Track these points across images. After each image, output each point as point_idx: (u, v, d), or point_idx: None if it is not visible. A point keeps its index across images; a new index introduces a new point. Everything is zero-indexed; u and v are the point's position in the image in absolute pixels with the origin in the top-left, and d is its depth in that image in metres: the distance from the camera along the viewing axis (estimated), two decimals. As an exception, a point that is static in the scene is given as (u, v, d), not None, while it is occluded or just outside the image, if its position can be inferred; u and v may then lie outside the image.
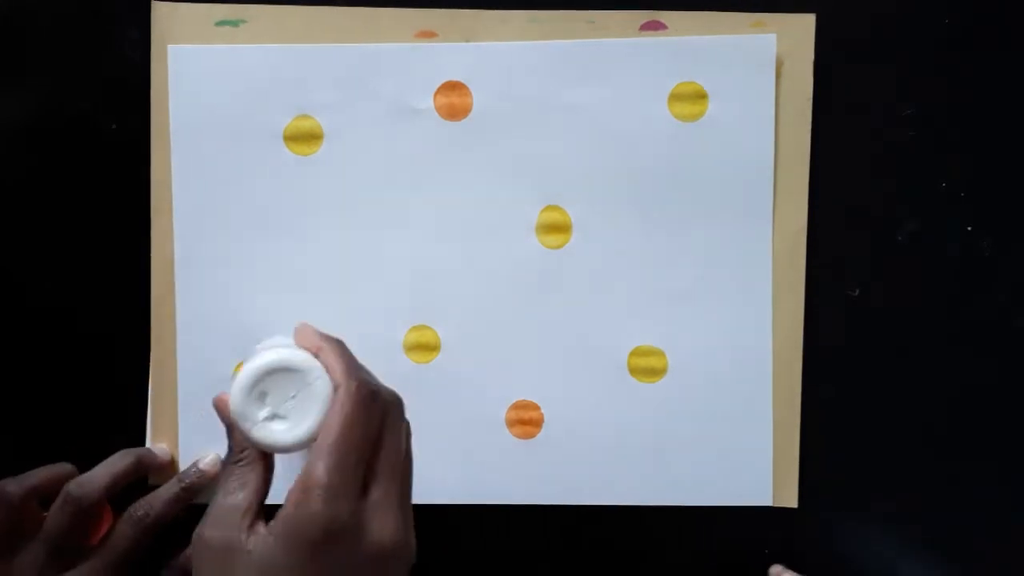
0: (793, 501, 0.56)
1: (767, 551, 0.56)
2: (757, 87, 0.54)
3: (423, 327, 0.56)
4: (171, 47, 0.55)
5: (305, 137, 0.55)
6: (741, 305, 0.55)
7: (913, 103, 0.55)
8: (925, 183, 0.55)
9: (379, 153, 0.55)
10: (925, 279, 0.55)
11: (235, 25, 0.55)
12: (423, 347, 0.56)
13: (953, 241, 0.55)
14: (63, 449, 0.53)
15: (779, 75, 0.54)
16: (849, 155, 0.55)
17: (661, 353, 0.56)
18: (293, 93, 0.55)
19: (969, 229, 0.55)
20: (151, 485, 0.54)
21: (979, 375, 0.56)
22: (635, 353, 0.56)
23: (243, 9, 0.55)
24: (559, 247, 0.55)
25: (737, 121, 0.54)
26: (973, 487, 0.56)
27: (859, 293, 0.55)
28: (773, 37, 0.53)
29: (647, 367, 0.56)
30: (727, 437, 0.55)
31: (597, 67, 0.54)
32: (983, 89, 0.55)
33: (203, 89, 0.55)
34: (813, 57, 0.54)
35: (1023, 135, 0.55)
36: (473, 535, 0.57)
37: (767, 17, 0.54)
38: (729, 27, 0.54)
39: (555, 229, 0.55)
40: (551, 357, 0.56)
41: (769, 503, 0.56)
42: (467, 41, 0.55)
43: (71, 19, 0.56)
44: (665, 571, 0.57)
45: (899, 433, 0.56)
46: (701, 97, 0.54)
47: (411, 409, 0.55)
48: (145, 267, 0.55)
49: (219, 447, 0.55)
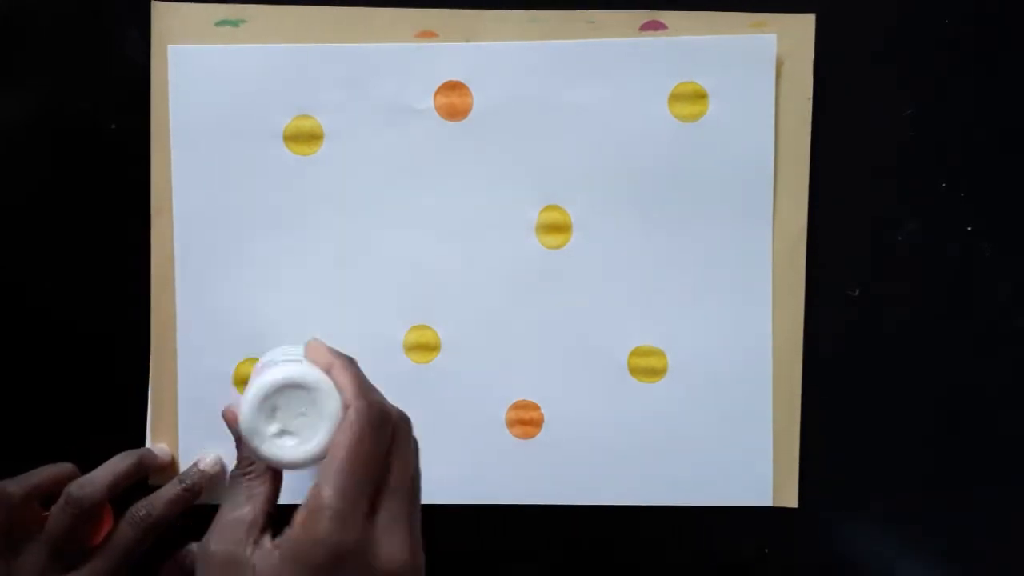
0: (793, 501, 0.56)
1: (767, 551, 0.56)
2: (757, 87, 0.54)
3: (423, 327, 0.56)
4: (171, 47, 0.54)
5: (305, 137, 0.55)
6: (741, 305, 0.55)
7: (913, 103, 0.55)
8: (925, 183, 0.55)
9: (379, 153, 0.55)
10: (925, 279, 0.55)
11: (235, 25, 0.55)
12: (423, 347, 0.56)
13: (953, 241, 0.55)
14: (63, 449, 0.53)
15: (779, 75, 0.54)
16: (849, 155, 0.55)
17: (661, 353, 0.55)
18: (293, 93, 0.55)
19: (969, 229, 0.55)
20: (152, 486, 0.54)
21: (979, 375, 0.55)
22: (635, 353, 0.56)
23: (243, 9, 0.55)
24: (559, 247, 0.55)
25: (737, 121, 0.54)
26: (973, 487, 0.56)
27: (859, 293, 0.55)
28: (773, 37, 0.53)
29: (647, 367, 0.56)
30: (727, 437, 0.55)
31: (597, 67, 0.54)
32: (983, 89, 0.55)
33: (203, 89, 0.55)
34: (813, 57, 0.54)
35: (1023, 135, 0.55)
36: (473, 535, 0.57)
37: (767, 17, 0.54)
38: (729, 27, 0.54)
39: (555, 229, 0.55)
40: (551, 357, 0.56)
41: (769, 503, 0.56)
42: (467, 41, 0.55)
43: (71, 19, 0.55)
44: (665, 571, 0.57)
45: (899, 433, 0.56)
46: (701, 97, 0.54)
47: (411, 409, 0.55)
48: (145, 267, 0.55)
49: (219, 447, 0.55)
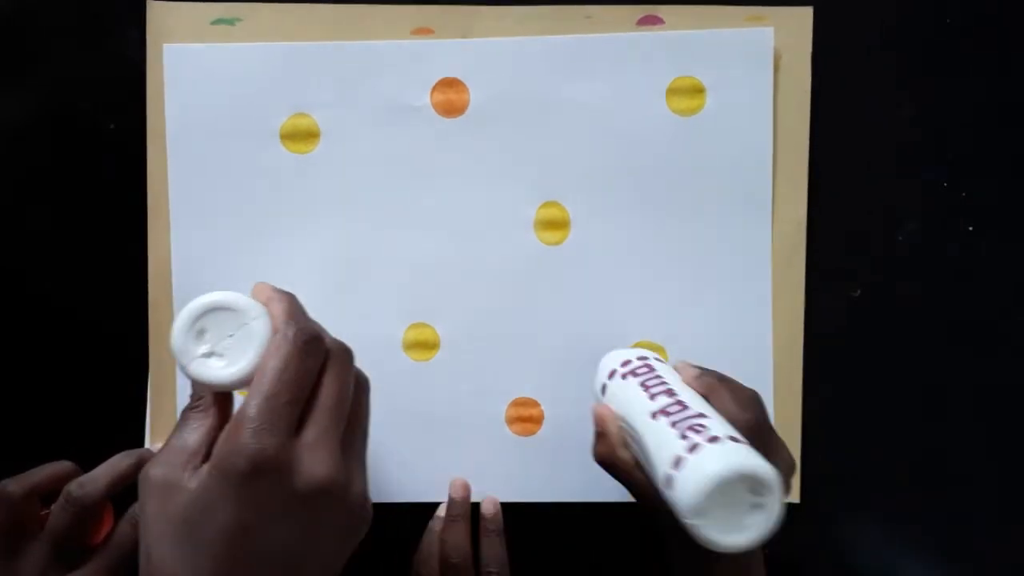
0: (795, 497, 0.55)
1: (767, 550, 0.56)
2: (755, 81, 0.53)
3: (422, 325, 0.56)
4: (167, 46, 0.54)
5: (302, 135, 0.55)
6: (741, 300, 0.55)
7: (913, 103, 0.54)
8: (925, 183, 0.55)
9: (376, 151, 0.55)
10: (925, 279, 0.55)
11: (231, 24, 0.55)
12: (422, 345, 0.56)
13: (953, 241, 0.55)
14: (63, 449, 0.53)
15: (777, 69, 0.53)
16: (849, 155, 0.55)
17: (661, 349, 0.55)
18: (289, 91, 0.55)
19: (969, 229, 0.54)
20: (152, 484, 0.55)
21: (979, 375, 0.55)
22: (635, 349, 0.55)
23: (238, 8, 0.55)
24: (558, 243, 0.55)
25: (735, 115, 0.54)
26: (973, 487, 0.55)
27: (859, 293, 0.55)
28: (771, 31, 0.53)
29: (647, 364, 0.55)
30: (726, 435, 0.55)
31: (594, 62, 0.54)
32: (983, 89, 0.54)
33: (199, 88, 0.55)
34: (811, 50, 0.53)
35: (1023, 135, 0.54)
36: (473, 532, 0.57)
37: (764, 11, 0.53)
38: (726, 21, 0.53)
39: (553, 225, 0.55)
40: (550, 354, 0.56)
41: (769, 500, 0.55)
42: (464, 37, 0.54)
43: (70, 19, 0.56)
44: (665, 568, 0.57)
45: (899, 432, 0.56)
46: (699, 91, 0.54)
47: (411, 407, 0.56)
48: (144, 266, 0.56)
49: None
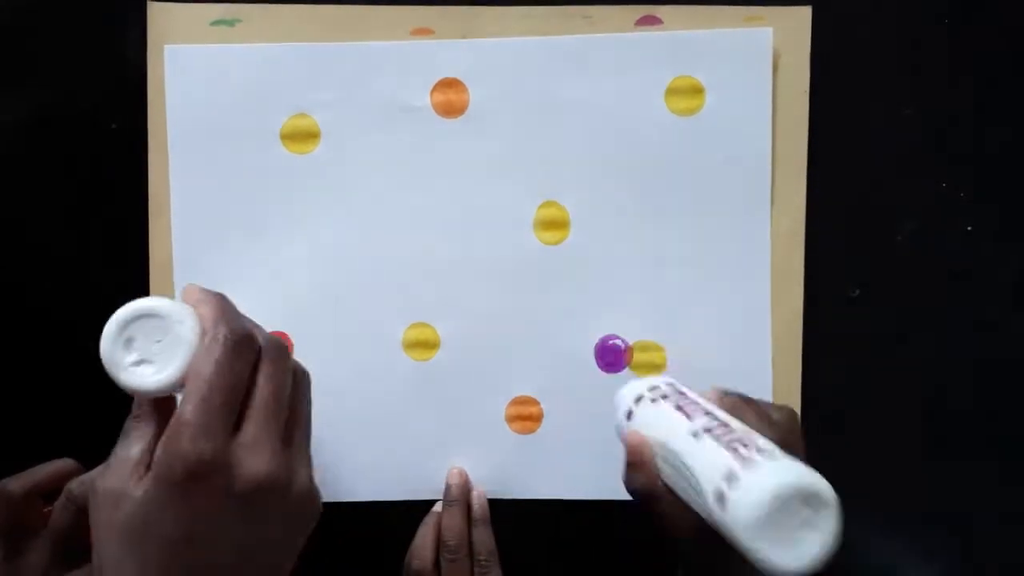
0: (794, 499, 0.55)
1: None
2: (754, 81, 0.53)
3: (422, 324, 0.56)
4: (167, 47, 0.55)
5: (302, 136, 0.55)
6: (741, 300, 0.55)
7: (913, 103, 0.54)
8: (925, 183, 0.54)
9: (376, 151, 0.55)
10: (925, 279, 0.55)
11: (231, 24, 0.55)
12: (422, 344, 0.56)
13: (953, 241, 0.54)
14: (63, 449, 0.53)
15: (776, 69, 0.53)
16: (848, 154, 0.54)
17: (660, 348, 0.55)
18: (290, 92, 0.55)
19: (969, 229, 0.54)
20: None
21: (979, 375, 0.55)
22: (634, 348, 0.55)
23: (238, 8, 0.55)
24: (557, 243, 0.55)
25: (734, 115, 0.54)
26: (973, 487, 0.55)
27: (859, 293, 0.55)
28: (769, 31, 0.53)
29: (646, 362, 0.55)
30: (725, 435, 0.55)
31: (594, 62, 0.54)
32: (983, 89, 0.54)
33: (200, 89, 0.55)
34: (810, 50, 0.53)
35: (1023, 135, 0.54)
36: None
37: (763, 11, 0.53)
38: (725, 21, 0.53)
39: (553, 225, 0.55)
40: (550, 353, 0.56)
41: (769, 499, 0.55)
42: (463, 38, 0.54)
43: (71, 20, 0.56)
44: (665, 566, 0.57)
45: (900, 432, 0.55)
46: (698, 91, 0.54)
47: (412, 406, 0.56)
48: (145, 267, 0.56)
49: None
